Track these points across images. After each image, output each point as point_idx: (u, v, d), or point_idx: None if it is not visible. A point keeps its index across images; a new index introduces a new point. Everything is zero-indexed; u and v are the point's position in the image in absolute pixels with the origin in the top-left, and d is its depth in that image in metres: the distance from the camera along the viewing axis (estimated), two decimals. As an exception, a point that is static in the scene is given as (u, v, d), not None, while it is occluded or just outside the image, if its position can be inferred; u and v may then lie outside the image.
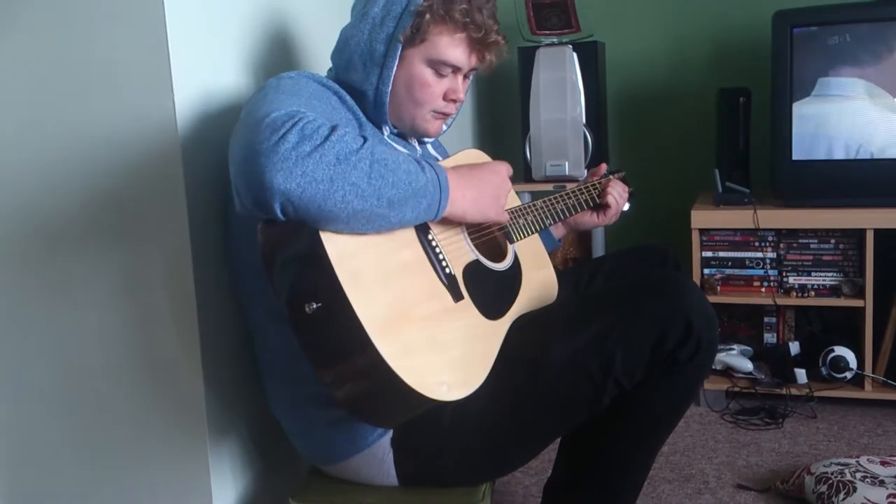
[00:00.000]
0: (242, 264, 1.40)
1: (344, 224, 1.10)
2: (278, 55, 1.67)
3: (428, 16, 1.36)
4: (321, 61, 1.78)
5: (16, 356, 1.47)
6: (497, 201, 1.35)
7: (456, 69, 1.42)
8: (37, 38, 1.36)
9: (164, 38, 1.31)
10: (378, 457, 1.37)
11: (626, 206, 1.82)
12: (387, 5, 1.37)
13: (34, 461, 1.50)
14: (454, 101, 1.45)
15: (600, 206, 1.77)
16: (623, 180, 1.83)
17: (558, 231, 1.82)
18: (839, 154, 2.37)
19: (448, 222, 1.30)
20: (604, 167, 1.83)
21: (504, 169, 1.38)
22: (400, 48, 1.37)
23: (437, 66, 1.40)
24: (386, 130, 1.45)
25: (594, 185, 1.77)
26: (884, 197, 2.33)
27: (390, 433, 1.37)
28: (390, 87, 1.39)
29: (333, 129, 1.09)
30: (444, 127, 1.51)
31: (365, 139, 1.13)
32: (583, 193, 1.75)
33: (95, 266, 1.41)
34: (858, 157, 2.35)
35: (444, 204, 1.22)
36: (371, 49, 1.38)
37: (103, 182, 1.38)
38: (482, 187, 1.32)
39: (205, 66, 1.42)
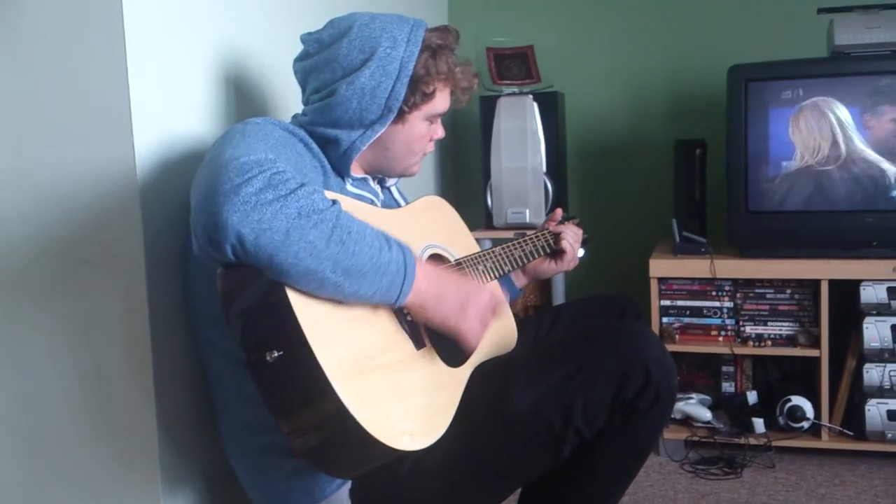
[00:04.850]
0: (200, 310, 1.38)
1: (295, 282, 1.08)
2: (241, 101, 1.66)
3: (432, 82, 1.41)
4: (284, 107, 1.78)
5: (-38, 403, 1.43)
6: (463, 312, 1.26)
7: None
8: (-6, 79, 1.35)
9: (125, 82, 1.30)
10: (336, 508, 1.34)
11: (581, 252, 1.83)
12: (375, 75, 1.35)
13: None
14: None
15: (556, 252, 1.78)
16: (578, 226, 1.84)
17: (519, 280, 1.82)
18: (794, 205, 2.41)
19: None
20: (559, 213, 1.84)
21: (487, 293, 1.31)
22: (392, 117, 1.39)
23: (433, 118, 1.47)
24: (348, 180, 1.45)
25: (550, 231, 1.79)
26: (838, 248, 2.37)
27: (348, 484, 1.34)
28: (366, 146, 1.40)
29: (303, 185, 1.08)
30: None
31: (334, 203, 1.11)
32: (539, 240, 1.76)
33: (50, 311, 1.38)
34: (812, 209, 2.40)
35: (408, 289, 1.18)
36: (360, 117, 1.38)
37: (60, 227, 1.35)
38: (450, 290, 1.26)
39: (166, 110, 1.41)
